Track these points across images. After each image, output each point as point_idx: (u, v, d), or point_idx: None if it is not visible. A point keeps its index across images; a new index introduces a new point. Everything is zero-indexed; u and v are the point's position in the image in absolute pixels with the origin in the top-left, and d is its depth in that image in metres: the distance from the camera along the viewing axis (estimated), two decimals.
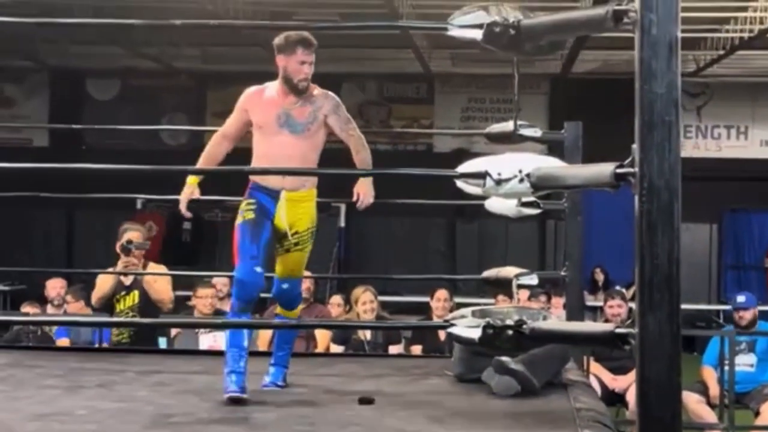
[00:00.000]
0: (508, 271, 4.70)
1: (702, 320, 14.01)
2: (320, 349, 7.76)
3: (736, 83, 14.96)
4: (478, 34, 2.17)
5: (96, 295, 6.57)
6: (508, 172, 2.09)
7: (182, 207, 4.53)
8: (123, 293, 6.55)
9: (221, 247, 15.52)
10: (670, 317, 1.87)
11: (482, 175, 2.13)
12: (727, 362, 8.30)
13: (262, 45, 13.09)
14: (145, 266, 6.78)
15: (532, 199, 4.05)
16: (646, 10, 1.86)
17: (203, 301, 8.18)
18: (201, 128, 15.77)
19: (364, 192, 4.45)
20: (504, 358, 3.54)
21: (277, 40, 4.62)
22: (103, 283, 6.58)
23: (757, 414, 8.29)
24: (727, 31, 11.97)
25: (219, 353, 6.32)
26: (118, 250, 6.63)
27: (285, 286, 4.31)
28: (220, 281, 9.44)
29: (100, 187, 5.06)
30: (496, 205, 4.07)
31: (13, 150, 14.37)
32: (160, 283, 6.72)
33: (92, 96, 16.20)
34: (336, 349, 7.75)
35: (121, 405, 3.38)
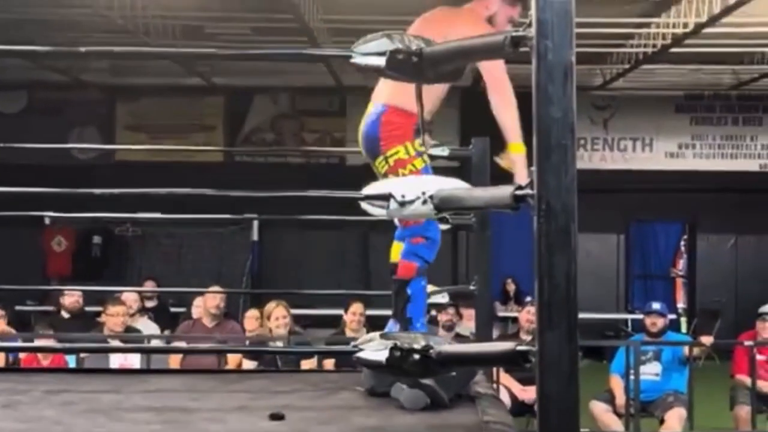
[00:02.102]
0: None
1: (610, 329, 14.26)
2: (232, 365, 7.74)
3: (641, 96, 15.29)
4: (381, 62, 2.19)
5: None
6: (411, 194, 2.12)
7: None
8: None
9: (132, 262, 15.41)
10: (568, 335, 1.91)
11: (386, 197, 2.16)
12: (632, 372, 8.49)
13: (171, 58, 13.03)
14: None
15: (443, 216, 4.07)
16: (542, 36, 1.90)
17: (114, 319, 8.12)
18: (108, 147, 15.70)
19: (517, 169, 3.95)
20: None
21: None
22: None
23: (661, 422, 8.48)
24: (632, 46, 12.22)
25: (129, 371, 6.27)
26: None
27: None
28: (131, 297, 9.38)
29: (6, 203, 4.99)
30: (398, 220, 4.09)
31: None
32: None
33: None
34: (248, 364, 7.74)
35: (28, 425, 3.33)
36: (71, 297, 9.51)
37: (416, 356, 2.13)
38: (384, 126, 3.92)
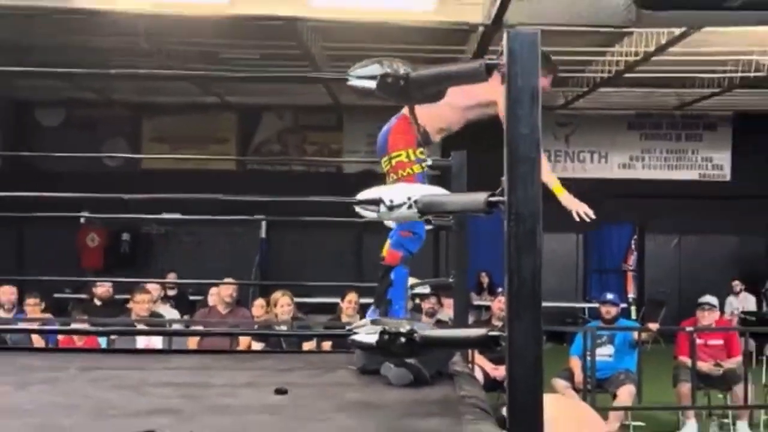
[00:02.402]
0: None
1: (570, 316, 14.31)
2: (243, 346, 7.74)
3: (598, 115, 15.35)
4: (372, 84, 2.20)
5: None
6: (398, 200, 2.13)
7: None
8: None
9: (156, 256, 15.39)
10: (533, 322, 1.92)
11: (377, 202, 2.16)
12: (589, 353, 8.52)
13: (191, 80, 13.04)
14: None
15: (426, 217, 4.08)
16: (512, 64, 1.92)
17: (140, 305, 8.13)
18: (135, 156, 15.71)
19: (570, 205, 4.16)
20: None
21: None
22: None
23: (614, 397, 8.51)
24: (590, 71, 12.26)
25: (153, 351, 6.26)
26: None
27: None
28: (154, 287, 9.38)
29: (48, 205, 4.97)
30: (393, 223, 4.10)
31: None
32: None
33: (40, 123, 15.92)
34: (257, 346, 7.74)
35: (65, 399, 3.33)
36: (103, 287, 9.50)
37: (402, 339, 2.14)
38: (394, 131, 3.97)
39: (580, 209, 4.20)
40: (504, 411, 3.36)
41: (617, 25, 8.99)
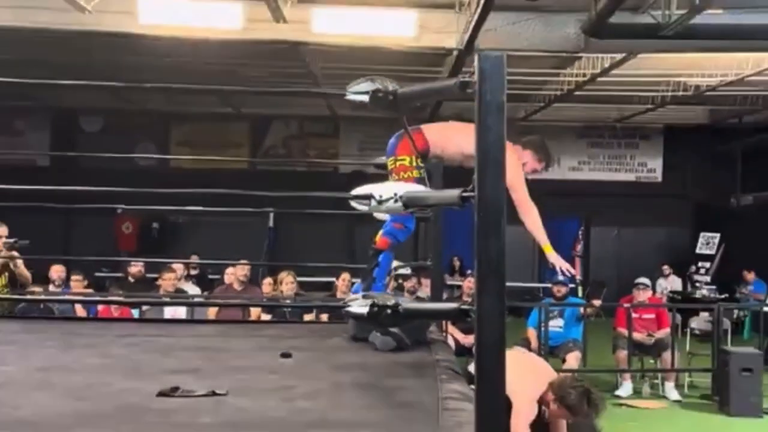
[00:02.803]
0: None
1: (528, 294, 14.32)
2: (253, 317, 7.72)
3: (552, 126, 15.34)
4: (366, 98, 2.20)
5: None
6: (386, 195, 2.13)
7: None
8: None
9: (181, 241, 15.33)
10: (498, 298, 1.92)
11: (368, 197, 2.16)
12: (543, 325, 8.55)
13: (211, 93, 12.98)
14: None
15: (413, 213, 4.07)
16: (482, 82, 1.91)
17: (167, 282, 8.11)
18: (164, 157, 15.68)
19: (556, 263, 4.31)
20: None
21: (539, 141, 4.45)
22: None
23: (563, 361, 8.54)
24: (546, 89, 12.27)
25: (178, 321, 6.25)
26: None
27: None
28: (179, 267, 9.34)
29: (90, 198, 4.95)
30: (381, 215, 4.10)
31: (20, 169, 13.94)
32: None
33: (83, 129, 15.84)
34: (265, 317, 7.72)
35: (104, 360, 3.32)
36: (136, 267, 9.46)
37: (389, 310, 2.14)
38: (403, 140, 3.97)
39: (563, 266, 4.30)
40: (471, 368, 3.38)
41: (569, 51, 9.01)
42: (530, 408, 4.27)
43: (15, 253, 6.34)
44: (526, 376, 4.31)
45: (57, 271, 8.36)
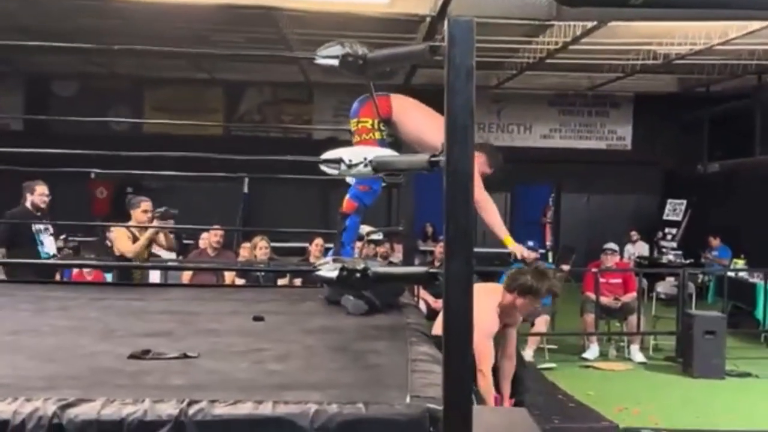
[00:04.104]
0: (363, 228, 4.78)
1: (499, 259, 14.39)
2: (228, 281, 7.72)
3: (524, 94, 15.37)
4: (335, 63, 2.17)
5: (131, 253, 6.36)
6: (356, 159, 2.11)
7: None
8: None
9: (155, 207, 15.16)
10: (466, 262, 1.92)
11: (338, 161, 2.14)
12: None
13: (184, 58, 12.81)
14: None
15: (380, 176, 4.05)
16: (451, 46, 1.89)
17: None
18: (137, 121, 15.47)
19: (518, 251, 4.26)
20: None
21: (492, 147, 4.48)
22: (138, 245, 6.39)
23: (532, 324, 8.64)
24: (518, 57, 12.23)
25: (152, 285, 6.21)
26: (142, 216, 6.38)
27: None
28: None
29: (64, 161, 4.85)
30: (353, 180, 4.09)
31: None
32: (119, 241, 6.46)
33: (57, 93, 15.57)
34: (239, 281, 7.71)
35: (76, 323, 3.30)
36: (111, 231, 9.38)
37: (358, 274, 2.13)
38: (366, 103, 4.00)
39: (524, 253, 4.31)
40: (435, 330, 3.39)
41: (541, 19, 8.98)
42: (486, 346, 4.37)
43: (165, 222, 6.30)
44: (480, 309, 4.34)
45: None
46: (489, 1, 8.32)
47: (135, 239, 6.40)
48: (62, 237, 6.58)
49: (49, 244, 6.46)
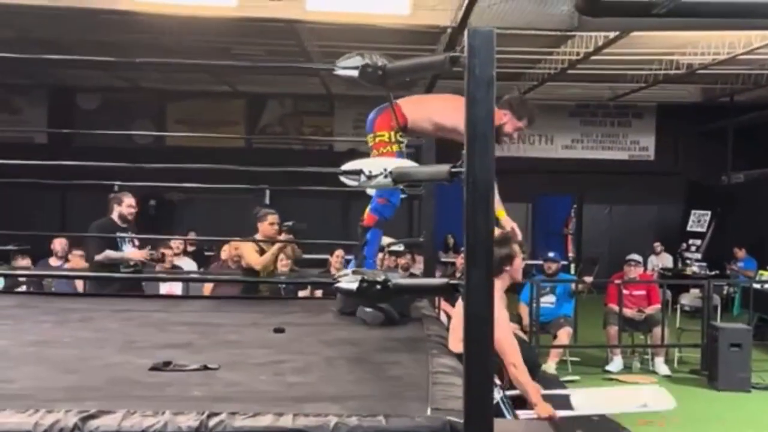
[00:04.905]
0: (384, 239, 4.77)
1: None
2: None
3: (546, 105, 15.27)
4: (355, 74, 2.17)
5: (259, 265, 6.33)
6: (376, 171, 2.11)
7: None
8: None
9: (177, 219, 15.29)
10: (486, 272, 1.91)
11: (358, 172, 2.14)
12: (534, 301, 8.56)
13: (206, 71, 12.91)
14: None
15: (399, 188, 4.02)
16: (472, 57, 1.89)
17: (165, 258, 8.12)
18: (160, 134, 15.60)
19: (507, 224, 4.04)
20: None
21: (516, 99, 4.02)
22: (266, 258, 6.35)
23: (554, 337, 8.57)
24: (540, 68, 12.21)
25: (173, 297, 6.23)
26: (270, 229, 6.38)
27: None
28: (175, 243, 9.35)
29: (87, 174, 4.88)
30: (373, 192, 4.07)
31: (18, 145, 13.86)
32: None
33: (80, 107, 15.74)
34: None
35: (98, 334, 3.31)
36: (59, 243, 9.35)
37: (378, 286, 2.12)
38: (381, 116, 3.93)
39: (514, 226, 4.06)
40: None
41: (562, 30, 8.95)
42: (510, 341, 3.97)
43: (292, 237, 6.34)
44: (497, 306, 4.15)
45: (61, 243, 8.71)
46: (510, 12, 8.31)
47: (262, 252, 6.45)
48: (148, 248, 6.56)
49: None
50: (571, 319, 8.63)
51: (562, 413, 3.75)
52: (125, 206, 6.49)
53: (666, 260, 14.35)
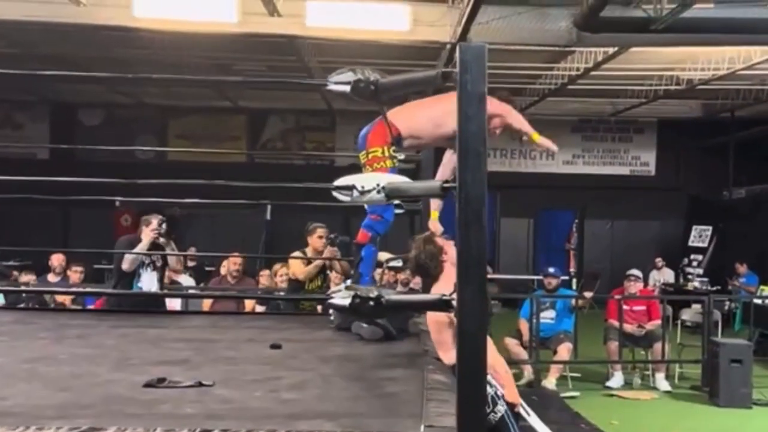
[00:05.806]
0: (382, 255, 4.77)
1: (523, 286, 14.30)
2: (248, 309, 7.70)
3: (547, 120, 15.25)
4: (347, 89, 2.17)
5: (303, 274, 6.39)
6: (369, 186, 2.10)
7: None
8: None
9: (179, 234, 15.25)
10: (479, 288, 1.89)
11: (350, 188, 2.13)
12: (534, 316, 8.53)
13: (208, 87, 12.95)
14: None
15: (398, 202, 4.01)
16: (463, 72, 1.88)
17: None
18: (162, 149, 15.61)
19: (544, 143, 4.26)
20: None
21: (505, 95, 4.28)
22: (310, 267, 6.38)
23: (555, 352, 8.53)
24: (540, 84, 12.23)
25: (172, 312, 6.22)
26: (318, 242, 6.46)
27: None
28: (173, 260, 9.29)
29: (89, 189, 4.87)
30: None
31: (20, 161, 13.88)
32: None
33: (83, 122, 15.79)
34: (259, 308, 7.70)
35: (94, 351, 3.30)
36: (57, 259, 9.33)
37: (371, 302, 2.11)
38: (372, 131, 3.92)
39: (551, 146, 4.26)
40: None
41: (562, 45, 8.97)
42: (495, 356, 3.93)
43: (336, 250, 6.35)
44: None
45: (59, 259, 8.60)
46: (509, 28, 8.34)
47: (309, 263, 6.52)
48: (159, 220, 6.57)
49: (147, 281, 6.39)
50: (571, 334, 8.60)
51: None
52: (149, 230, 6.52)
53: (667, 275, 14.31)
